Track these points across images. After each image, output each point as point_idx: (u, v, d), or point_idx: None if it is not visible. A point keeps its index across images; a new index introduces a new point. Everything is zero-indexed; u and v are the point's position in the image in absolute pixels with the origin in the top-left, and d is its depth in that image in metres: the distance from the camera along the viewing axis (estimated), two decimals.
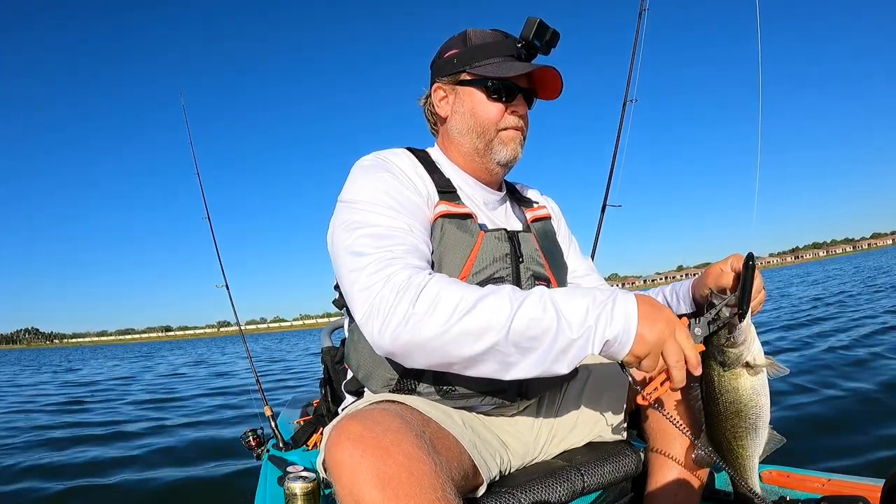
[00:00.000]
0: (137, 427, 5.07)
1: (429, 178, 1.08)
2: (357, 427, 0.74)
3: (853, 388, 3.67)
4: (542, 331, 0.78)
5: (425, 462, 0.73)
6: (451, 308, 0.79)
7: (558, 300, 0.80)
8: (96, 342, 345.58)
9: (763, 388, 0.90)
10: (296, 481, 1.13)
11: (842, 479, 1.28)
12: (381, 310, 0.82)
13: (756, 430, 0.91)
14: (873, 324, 6.55)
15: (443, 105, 1.15)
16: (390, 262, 0.87)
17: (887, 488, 0.90)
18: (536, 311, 0.78)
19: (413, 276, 0.84)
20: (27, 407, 7.25)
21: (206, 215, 2.68)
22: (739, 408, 0.90)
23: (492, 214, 1.15)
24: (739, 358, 0.88)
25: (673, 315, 0.82)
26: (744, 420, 0.90)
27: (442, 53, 1.14)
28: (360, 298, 0.86)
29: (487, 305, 0.79)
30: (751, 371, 0.89)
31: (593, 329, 0.78)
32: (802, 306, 10.41)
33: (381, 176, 1.01)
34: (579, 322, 0.78)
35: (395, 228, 0.94)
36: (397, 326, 0.81)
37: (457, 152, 1.15)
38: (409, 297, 0.81)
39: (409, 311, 0.80)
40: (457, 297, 0.80)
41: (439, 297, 0.80)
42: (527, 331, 0.78)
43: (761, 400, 0.90)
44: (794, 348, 5.60)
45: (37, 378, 13.85)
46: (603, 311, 0.79)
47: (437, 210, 1.04)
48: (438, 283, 0.83)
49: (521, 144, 1.14)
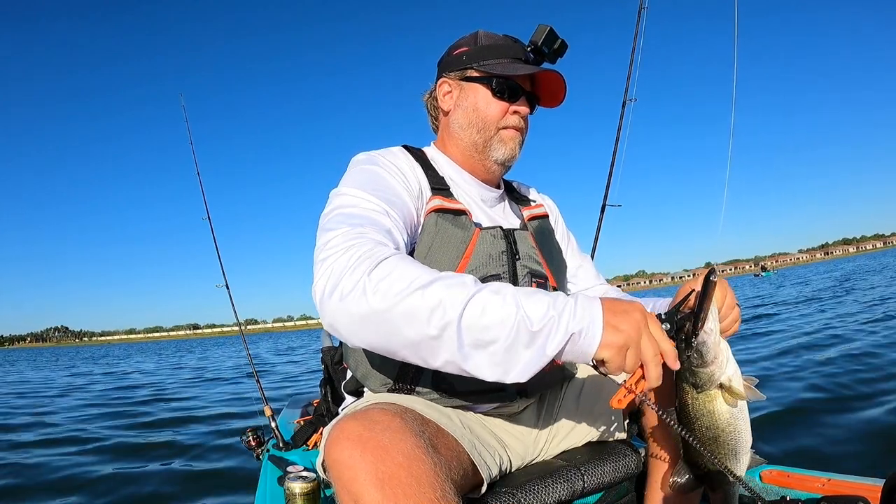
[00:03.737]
0: (137, 425, 5.08)
1: (423, 175, 1.09)
2: (356, 426, 0.74)
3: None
4: (500, 320, 0.71)
5: (424, 462, 0.72)
6: (405, 282, 0.73)
7: (519, 294, 0.74)
8: (125, 340, 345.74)
9: (742, 412, 0.85)
10: (296, 481, 1.13)
11: (842, 479, 1.28)
12: (334, 275, 0.77)
13: (736, 456, 0.86)
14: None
15: (447, 99, 1.17)
16: (356, 237, 0.83)
17: (887, 488, 0.90)
18: (495, 300, 0.72)
19: (374, 249, 0.80)
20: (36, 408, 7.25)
21: (207, 215, 2.69)
22: (717, 433, 0.84)
23: (489, 211, 1.16)
24: (712, 378, 0.83)
25: (643, 307, 0.77)
26: (722, 446, 0.85)
27: (451, 51, 1.17)
28: (318, 270, 0.81)
29: (444, 286, 0.73)
30: (726, 393, 0.84)
31: (556, 320, 0.72)
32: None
33: (369, 168, 1.03)
34: (541, 314, 0.72)
35: (369, 210, 0.92)
36: (345, 294, 0.75)
37: (455, 147, 1.16)
38: (364, 267, 0.76)
39: (363, 279, 0.75)
40: (414, 273, 0.75)
41: (395, 270, 0.75)
42: (482, 318, 0.71)
43: (740, 424, 0.85)
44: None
45: (45, 373, 13.86)
46: (566, 306, 0.73)
47: (430, 204, 1.05)
48: (398, 259, 0.78)
49: (520, 145, 1.15)
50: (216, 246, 2.69)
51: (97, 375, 13.32)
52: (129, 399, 7.69)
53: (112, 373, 14.01)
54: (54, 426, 5.30)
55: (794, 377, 4.18)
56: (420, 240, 1.03)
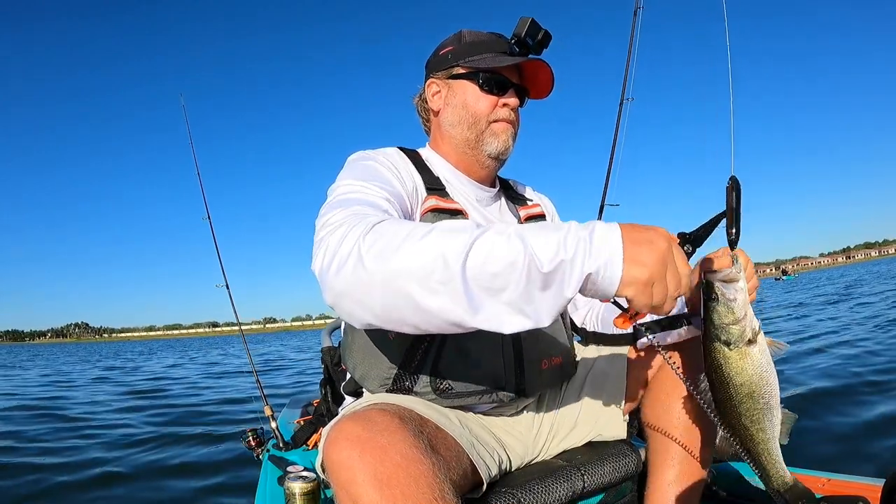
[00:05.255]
0: (139, 423, 5.08)
1: (418, 175, 1.09)
2: (354, 427, 0.74)
3: None
4: (507, 265, 0.65)
5: (423, 462, 0.72)
6: (399, 239, 0.69)
7: (526, 232, 0.68)
8: (144, 337, 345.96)
9: (770, 365, 0.88)
10: (296, 481, 1.13)
11: (842, 479, 1.29)
12: (330, 248, 0.74)
13: (770, 410, 0.89)
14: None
15: (436, 99, 1.17)
16: (352, 214, 0.81)
17: (887, 488, 0.90)
18: (499, 241, 0.66)
19: (369, 216, 0.77)
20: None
21: (207, 215, 2.69)
22: (752, 389, 0.87)
23: (485, 211, 1.17)
24: (743, 334, 0.85)
25: (666, 231, 0.71)
26: (757, 401, 0.88)
27: (437, 51, 1.18)
28: (316, 249, 0.78)
29: (440, 235, 0.68)
30: (755, 349, 0.87)
31: (569, 262, 0.65)
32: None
33: (365, 163, 1.03)
34: (551, 255, 0.65)
35: (368, 195, 0.91)
36: (342, 263, 0.71)
37: (449, 146, 1.17)
38: (357, 232, 0.72)
39: (357, 243, 0.71)
40: (407, 228, 0.71)
41: (388, 230, 0.72)
42: (486, 264, 0.65)
43: (771, 377, 0.88)
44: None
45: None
46: (580, 243, 0.66)
47: (426, 204, 1.06)
48: (392, 220, 0.76)
49: (513, 138, 1.16)
50: (216, 246, 2.70)
51: (115, 372, 13.18)
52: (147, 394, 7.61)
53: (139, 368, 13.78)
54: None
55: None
56: None
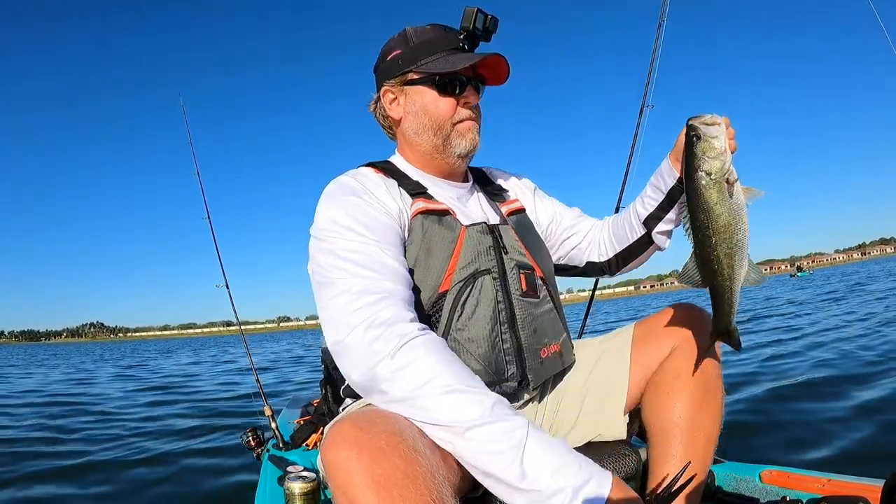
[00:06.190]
0: (135, 422, 5.08)
1: (397, 188, 1.09)
2: (352, 429, 0.74)
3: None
4: (496, 470, 0.75)
5: (421, 464, 0.72)
6: (421, 381, 0.79)
7: (528, 447, 0.75)
8: (159, 336, 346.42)
9: (744, 210, 1.00)
10: (296, 481, 1.13)
11: (842, 480, 1.28)
12: (354, 350, 0.84)
13: (741, 250, 1.00)
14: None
15: (394, 107, 1.16)
16: (363, 294, 0.87)
17: (887, 488, 0.90)
18: (495, 447, 0.75)
19: (396, 324, 0.84)
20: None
21: (207, 215, 2.69)
22: (728, 221, 0.98)
23: (466, 208, 1.17)
24: (723, 168, 0.97)
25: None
26: (732, 237, 0.99)
27: (385, 56, 1.15)
28: (330, 331, 0.88)
29: (454, 403, 0.77)
30: (734, 188, 0.98)
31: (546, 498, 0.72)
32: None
33: (346, 200, 1.01)
34: (534, 482, 0.73)
35: (365, 254, 0.93)
36: (366, 373, 0.82)
37: (417, 153, 1.16)
38: (383, 350, 0.81)
39: (381, 364, 0.81)
40: (430, 372, 0.80)
41: (415, 363, 0.80)
42: (478, 456, 0.76)
43: (745, 220, 1.00)
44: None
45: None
46: (567, 486, 0.72)
47: (415, 207, 1.06)
48: (421, 347, 0.82)
49: (478, 133, 1.16)
50: (216, 246, 2.70)
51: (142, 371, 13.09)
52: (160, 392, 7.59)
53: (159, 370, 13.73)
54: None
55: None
56: (410, 242, 1.03)
